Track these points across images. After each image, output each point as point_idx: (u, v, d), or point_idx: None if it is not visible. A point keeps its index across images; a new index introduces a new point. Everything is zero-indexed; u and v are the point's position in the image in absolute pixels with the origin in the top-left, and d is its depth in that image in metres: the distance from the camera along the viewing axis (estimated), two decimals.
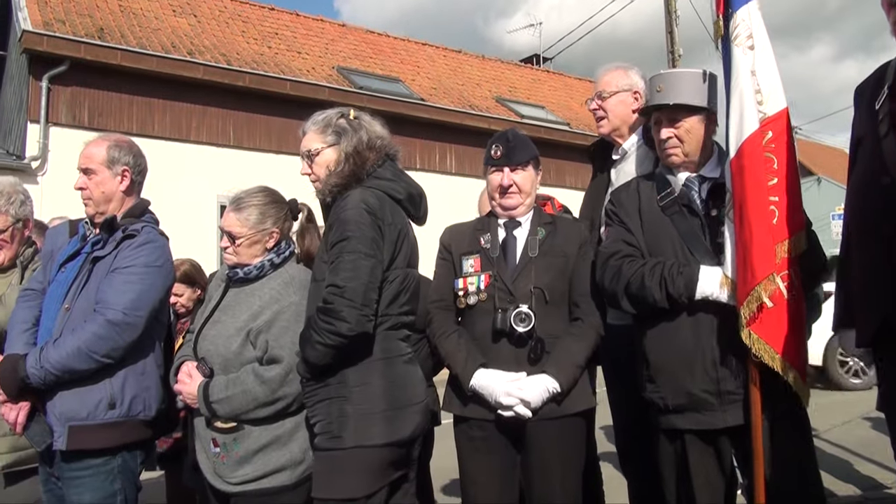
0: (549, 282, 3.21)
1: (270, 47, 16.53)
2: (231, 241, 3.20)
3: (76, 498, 3.08)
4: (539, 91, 21.94)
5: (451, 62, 20.80)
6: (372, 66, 18.27)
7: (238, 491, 3.02)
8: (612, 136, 3.88)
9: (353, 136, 3.08)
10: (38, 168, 12.66)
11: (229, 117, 14.65)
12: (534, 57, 25.72)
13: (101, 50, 13.28)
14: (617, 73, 3.87)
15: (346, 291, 2.77)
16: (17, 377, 3.00)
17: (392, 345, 2.94)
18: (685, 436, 3.06)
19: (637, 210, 3.24)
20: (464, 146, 17.39)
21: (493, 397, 3.10)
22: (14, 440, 3.39)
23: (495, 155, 3.35)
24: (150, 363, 3.21)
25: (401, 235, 2.99)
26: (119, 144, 3.35)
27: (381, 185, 3.03)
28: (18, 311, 3.32)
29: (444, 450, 3.05)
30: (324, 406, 2.87)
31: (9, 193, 3.72)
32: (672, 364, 3.04)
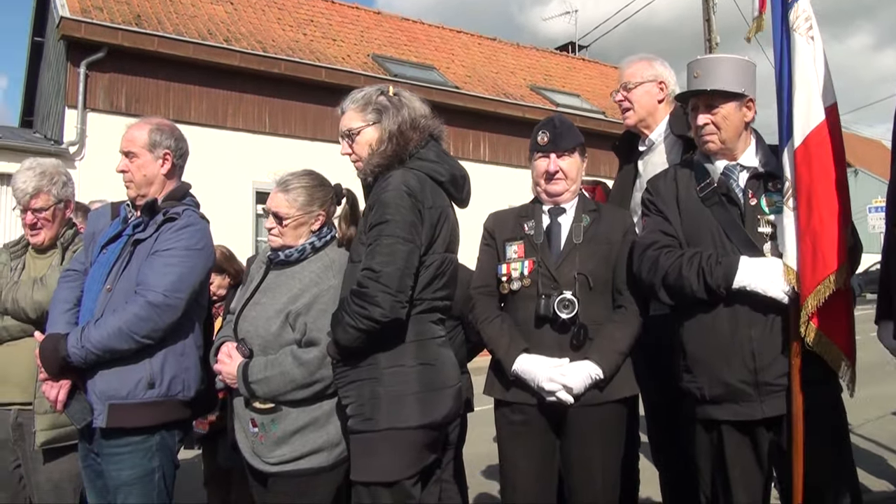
0: (592, 268, 3.19)
1: (306, 34, 16.61)
2: (277, 221, 3.20)
3: (115, 474, 3.13)
4: (574, 79, 21.84)
5: (486, 50, 20.75)
6: (406, 53, 18.30)
7: (276, 471, 3.04)
8: (639, 128, 3.88)
9: (394, 113, 3.03)
10: (76, 153, 12.85)
11: (265, 104, 14.76)
12: (569, 45, 25.60)
13: (138, 36, 13.45)
14: (641, 64, 3.87)
15: (382, 276, 2.75)
16: (58, 356, 3.05)
17: (425, 328, 2.92)
18: (722, 426, 3.02)
19: (675, 199, 3.20)
20: (498, 135, 17.39)
21: (535, 382, 3.10)
22: (54, 417, 3.44)
23: (542, 141, 3.32)
24: (189, 344, 3.24)
25: (441, 219, 2.96)
26: (161, 128, 3.38)
27: (423, 167, 2.99)
28: (60, 292, 3.36)
29: (479, 436, 3.05)
30: (355, 388, 2.86)
31: (51, 174, 3.76)
32: (709, 354, 3.01)
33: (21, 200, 3.69)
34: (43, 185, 3.71)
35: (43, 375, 3.12)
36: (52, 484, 3.57)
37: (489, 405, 3.30)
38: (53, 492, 3.57)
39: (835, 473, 2.99)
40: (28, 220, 3.71)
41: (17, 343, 3.60)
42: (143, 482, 3.13)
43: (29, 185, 3.68)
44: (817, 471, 2.90)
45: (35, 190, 3.69)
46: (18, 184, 3.70)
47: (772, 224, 3.02)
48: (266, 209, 3.25)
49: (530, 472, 3.21)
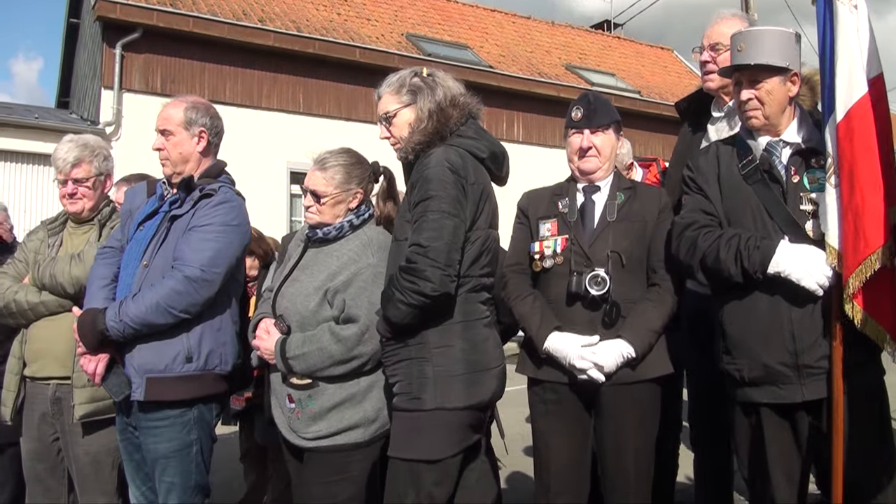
0: (626, 246, 3.17)
1: (340, 14, 16.60)
2: (315, 199, 3.21)
3: (153, 447, 3.18)
4: (609, 58, 21.63)
5: (520, 28, 20.61)
6: (440, 32, 18.23)
7: (312, 446, 3.07)
8: (720, 93, 3.70)
9: (429, 93, 3.03)
10: (112, 133, 13.02)
11: (299, 84, 14.81)
12: (604, 23, 25.29)
13: (173, 17, 13.55)
14: (735, 25, 3.58)
15: (430, 251, 2.75)
16: (96, 330, 3.09)
17: (472, 307, 2.92)
18: (761, 409, 2.97)
19: (716, 177, 3.14)
20: (532, 114, 17.30)
21: (566, 360, 3.08)
22: (92, 391, 3.49)
23: (576, 117, 3.30)
24: (226, 319, 3.27)
25: (483, 195, 2.96)
26: (196, 106, 3.40)
27: (463, 144, 2.98)
28: (97, 268, 3.40)
29: (511, 417, 3.04)
30: (404, 366, 2.87)
31: (93, 147, 3.81)
32: (749, 336, 2.96)
33: (62, 169, 3.72)
34: (84, 156, 3.75)
35: (81, 349, 3.16)
36: (91, 457, 3.61)
37: (521, 385, 3.30)
38: (92, 465, 3.62)
39: (875, 458, 2.93)
40: (68, 190, 3.75)
41: (55, 318, 3.63)
42: (181, 455, 3.18)
43: (70, 155, 3.72)
44: (857, 455, 2.84)
45: (76, 160, 3.73)
46: (60, 154, 3.74)
47: (814, 202, 2.94)
48: (304, 187, 3.26)
49: (563, 451, 3.20)
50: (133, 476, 3.36)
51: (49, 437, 3.70)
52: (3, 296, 3.67)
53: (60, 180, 3.76)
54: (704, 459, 3.88)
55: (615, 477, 3.17)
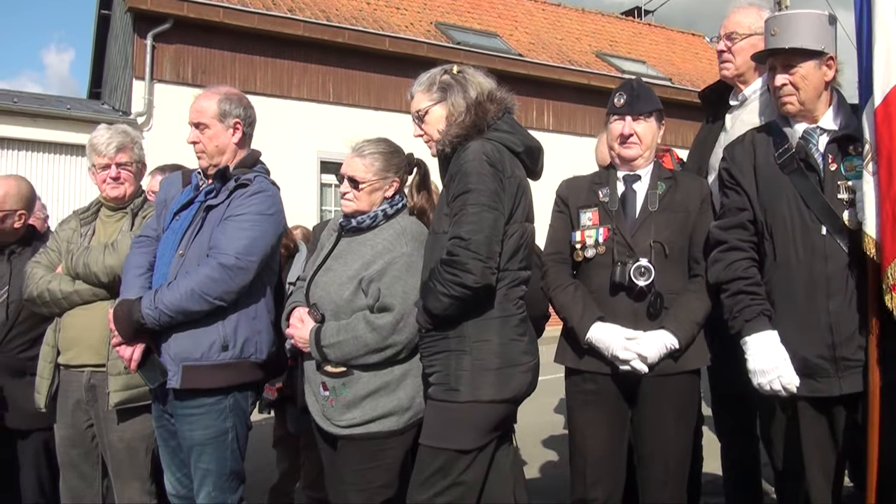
0: (668, 236, 3.14)
1: (369, 3, 16.60)
2: (353, 186, 3.22)
3: (189, 434, 3.21)
4: (640, 45, 21.47)
5: (550, 16, 20.51)
6: (470, 20, 18.18)
7: (346, 434, 3.09)
8: (735, 81, 3.68)
9: (459, 90, 3.05)
10: (144, 124, 13.13)
11: (329, 74, 14.85)
12: (635, 10, 25.10)
13: (203, 7, 13.62)
14: (751, 13, 3.63)
15: (471, 244, 2.76)
16: (132, 319, 3.11)
17: (510, 302, 2.93)
18: (798, 403, 2.93)
19: (752, 167, 3.09)
20: (562, 102, 17.22)
21: (609, 351, 3.06)
22: (127, 379, 3.52)
23: (618, 103, 3.27)
24: (261, 308, 3.29)
25: (520, 189, 2.96)
26: (229, 97, 3.40)
27: (500, 138, 2.99)
28: (133, 257, 3.42)
29: (541, 407, 3.03)
30: (442, 358, 2.89)
31: (132, 136, 3.87)
32: (785, 328, 2.92)
33: (106, 153, 3.75)
34: (126, 142, 3.80)
35: (116, 340, 3.19)
36: (125, 443, 3.65)
37: (551, 375, 3.28)
38: (126, 451, 3.65)
39: None
40: (112, 175, 3.78)
41: (89, 307, 3.66)
42: (217, 442, 3.21)
43: (114, 140, 3.76)
44: (893, 449, 2.79)
45: (120, 145, 3.77)
46: (102, 139, 3.77)
47: (851, 190, 2.88)
48: (341, 174, 3.27)
49: (601, 441, 3.19)
50: (168, 462, 3.40)
51: (83, 424, 3.74)
52: (36, 285, 3.70)
53: (101, 164, 3.78)
54: (731, 449, 3.86)
55: (653, 467, 3.16)
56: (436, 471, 2.85)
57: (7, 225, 4.09)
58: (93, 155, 3.81)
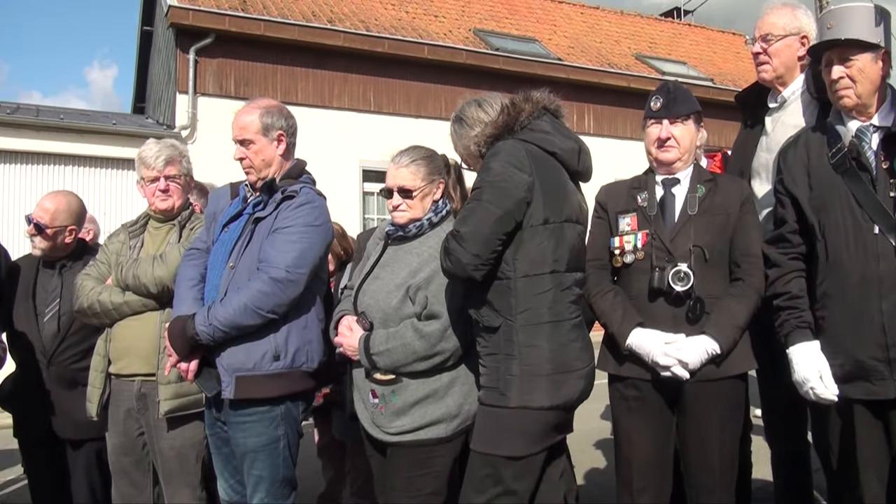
0: (708, 240, 3.10)
1: (408, 12, 16.68)
2: (405, 195, 3.23)
3: (242, 442, 3.25)
4: (680, 46, 21.27)
5: (589, 19, 20.41)
6: (508, 26, 18.17)
7: (395, 441, 3.11)
8: (774, 83, 3.64)
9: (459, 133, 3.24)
10: (188, 137, 13.31)
11: (369, 83, 14.93)
12: (674, 10, 24.88)
13: (244, 21, 13.79)
14: (785, 14, 3.58)
15: (459, 235, 2.80)
16: (186, 336, 3.17)
17: (562, 307, 2.90)
18: (854, 407, 2.88)
19: (805, 170, 3.05)
20: (602, 106, 17.11)
21: (649, 357, 3.04)
22: (177, 387, 3.58)
23: (654, 107, 3.25)
24: (311, 318, 3.32)
25: (549, 188, 2.90)
26: (270, 110, 3.44)
27: (533, 137, 2.97)
28: (184, 270, 3.48)
29: (587, 413, 2.99)
30: (492, 360, 2.89)
31: (179, 149, 3.94)
32: (839, 329, 2.89)
33: (155, 166, 3.82)
34: (175, 156, 3.87)
35: (173, 359, 3.24)
36: (175, 451, 3.70)
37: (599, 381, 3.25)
38: (176, 458, 3.70)
39: None
40: (160, 187, 3.84)
41: (139, 317, 3.72)
42: (269, 450, 3.24)
43: (163, 153, 3.83)
44: None
45: (169, 158, 3.83)
46: (151, 152, 3.84)
47: None
48: (387, 187, 3.27)
49: (646, 448, 3.16)
50: (221, 469, 3.45)
51: (134, 432, 3.80)
52: (87, 297, 3.76)
53: (150, 177, 3.85)
54: (781, 455, 3.79)
55: (700, 475, 3.13)
56: (486, 477, 2.84)
57: (58, 241, 4.18)
58: (142, 168, 3.88)
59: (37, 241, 4.17)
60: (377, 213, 14.82)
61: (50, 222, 4.12)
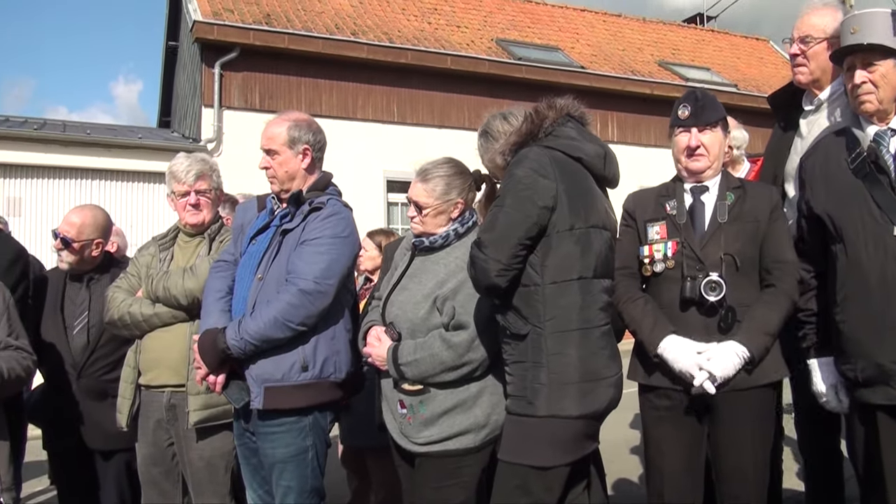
0: (739, 248, 3.06)
1: (430, 23, 16.75)
2: (417, 210, 3.26)
3: (270, 452, 3.27)
4: (704, 52, 21.20)
5: (611, 27, 20.40)
6: (530, 35, 18.20)
7: (424, 451, 3.11)
8: (810, 86, 3.58)
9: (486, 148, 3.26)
10: (214, 150, 13.42)
11: (393, 94, 15.00)
12: (697, 16, 24.80)
13: (268, 35, 13.92)
14: (825, 15, 3.49)
15: (481, 243, 2.81)
16: (217, 350, 3.19)
17: (591, 314, 2.88)
18: (878, 413, 2.85)
19: (823, 175, 3.04)
20: (626, 113, 17.09)
21: (678, 367, 3.00)
22: (206, 398, 3.61)
23: (682, 115, 3.20)
24: (339, 328, 3.34)
25: (572, 193, 2.88)
26: (298, 123, 3.46)
27: (558, 143, 2.96)
28: (212, 281, 3.51)
29: (615, 422, 2.97)
30: (519, 368, 2.87)
31: (210, 163, 3.98)
32: (861, 334, 2.86)
33: (185, 181, 3.86)
34: (205, 170, 3.91)
35: (203, 372, 3.26)
36: (205, 461, 3.72)
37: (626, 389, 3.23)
38: (206, 468, 3.73)
39: None
40: (191, 202, 3.88)
41: (169, 329, 3.75)
42: (298, 460, 3.26)
43: (194, 168, 3.87)
44: None
45: (199, 173, 3.88)
46: (182, 167, 3.88)
47: None
48: (408, 198, 3.32)
49: (677, 458, 3.13)
50: (250, 480, 3.47)
51: (164, 443, 3.83)
52: (117, 308, 3.81)
53: (181, 192, 3.89)
54: (814, 463, 3.76)
55: (732, 485, 3.08)
56: (514, 488, 2.83)
57: (85, 254, 4.22)
58: (172, 182, 3.92)
59: (63, 255, 4.22)
60: (401, 223, 14.86)
61: (76, 236, 4.17)
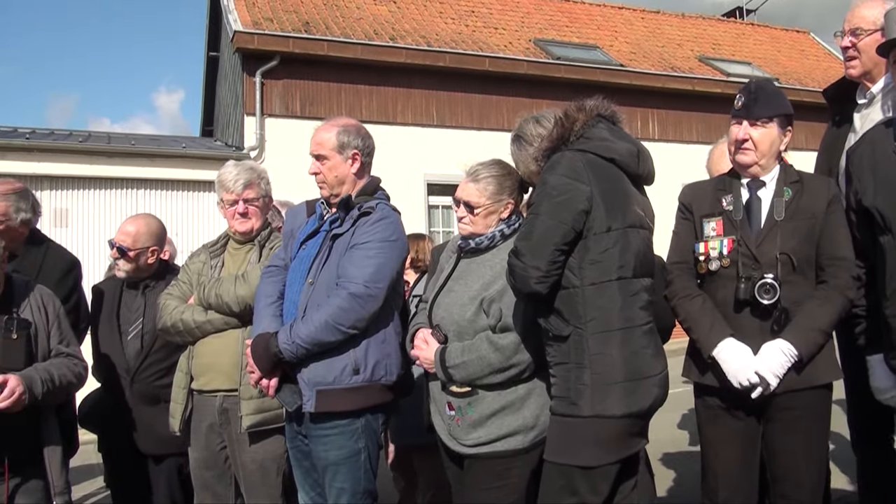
0: (795, 246, 3.01)
1: (468, 26, 16.77)
2: (468, 210, 3.26)
3: (323, 455, 3.31)
4: (744, 46, 20.92)
5: (650, 24, 20.23)
6: (569, 35, 18.12)
7: (472, 453, 3.12)
8: (862, 80, 3.54)
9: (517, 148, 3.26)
10: (257, 157, 13.56)
11: (432, 97, 15.04)
12: (736, 10, 24.47)
13: (308, 42, 14.06)
14: (875, 6, 3.46)
15: (519, 251, 2.81)
16: (269, 354, 3.24)
17: (632, 313, 2.85)
18: None
19: (871, 166, 3.01)
20: (666, 111, 16.93)
21: (731, 375, 2.98)
22: (259, 402, 3.65)
23: (737, 105, 3.16)
24: (389, 331, 3.37)
25: (611, 195, 2.86)
26: (347, 129, 3.50)
27: (590, 146, 2.92)
28: (264, 286, 3.55)
29: (662, 422, 2.95)
30: (563, 370, 2.85)
31: (258, 171, 4.02)
32: None
33: (234, 190, 3.90)
34: (253, 179, 3.95)
35: (256, 376, 3.31)
36: (257, 464, 3.76)
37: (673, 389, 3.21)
38: (258, 471, 3.77)
39: None
40: (239, 210, 3.93)
41: (222, 335, 3.80)
42: (350, 462, 3.29)
43: (242, 177, 3.91)
44: None
45: (248, 181, 3.91)
46: (230, 177, 3.92)
47: None
48: (456, 198, 3.31)
49: (732, 458, 3.11)
50: (302, 482, 3.50)
51: (217, 446, 3.88)
52: (170, 315, 3.87)
53: (230, 201, 3.93)
54: (866, 462, 3.70)
55: (787, 487, 3.06)
56: (560, 488, 2.82)
57: (141, 262, 4.31)
58: (221, 191, 3.97)
59: (121, 263, 4.32)
60: (443, 226, 14.91)
61: (132, 245, 4.26)
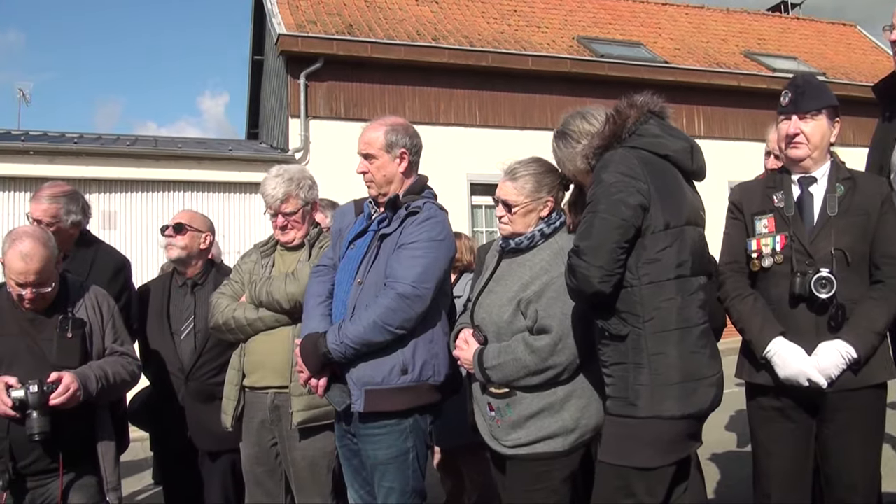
0: (849, 243, 2.98)
1: (510, 25, 16.75)
2: (507, 209, 3.26)
3: (372, 454, 3.33)
4: (790, 41, 20.62)
5: (694, 19, 20.03)
6: (612, 32, 18.00)
7: (513, 454, 3.13)
8: None
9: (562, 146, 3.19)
10: (302, 158, 13.69)
11: (474, 97, 15.05)
12: (781, 4, 24.17)
13: (351, 45, 14.16)
14: None
15: (581, 250, 2.74)
16: (318, 353, 3.27)
17: (691, 313, 2.81)
18: None
19: None
20: (712, 107, 16.74)
21: (785, 373, 2.96)
22: (309, 399, 3.69)
23: (784, 102, 3.15)
24: (437, 331, 3.37)
25: (668, 192, 2.83)
26: (395, 128, 3.53)
27: (642, 143, 2.89)
28: (313, 286, 3.59)
29: (710, 423, 2.93)
30: (619, 370, 2.82)
31: (298, 180, 4.02)
32: None
33: (272, 205, 3.95)
34: (291, 191, 3.96)
35: (305, 376, 3.35)
36: (308, 461, 3.81)
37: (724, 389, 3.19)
38: (309, 468, 3.81)
39: None
40: (279, 223, 3.98)
41: (273, 332, 3.85)
42: (399, 462, 3.31)
43: (279, 191, 3.93)
44: None
45: (285, 195, 3.94)
46: (269, 190, 3.96)
47: None
48: (495, 197, 3.31)
49: (785, 459, 3.08)
50: (352, 480, 3.53)
51: (268, 443, 3.92)
52: (222, 314, 3.93)
53: (270, 213, 3.99)
54: None
55: (839, 488, 3.03)
56: (616, 489, 2.80)
57: (195, 246, 4.42)
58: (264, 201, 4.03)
59: (177, 240, 4.41)
60: (486, 226, 14.92)
61: (189, 221, 4.43)
